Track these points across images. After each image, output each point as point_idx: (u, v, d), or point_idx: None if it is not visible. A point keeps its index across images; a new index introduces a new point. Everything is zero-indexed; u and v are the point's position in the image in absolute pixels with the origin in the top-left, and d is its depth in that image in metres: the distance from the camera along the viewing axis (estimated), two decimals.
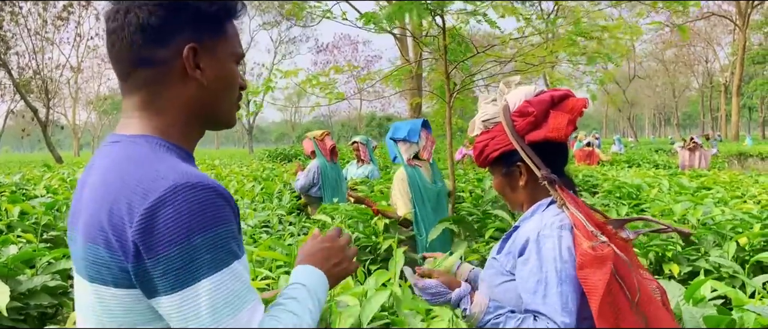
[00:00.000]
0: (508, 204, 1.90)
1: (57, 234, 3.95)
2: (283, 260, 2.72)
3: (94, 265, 1.08)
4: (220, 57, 1.21)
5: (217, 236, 1.04)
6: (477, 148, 1.83)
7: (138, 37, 1.14)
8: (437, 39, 4.75)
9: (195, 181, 1.05)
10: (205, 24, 1.19)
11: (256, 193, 6.71)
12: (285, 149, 23.15)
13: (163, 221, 1.00)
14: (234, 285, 1.05)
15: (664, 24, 19.88)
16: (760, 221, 3.91)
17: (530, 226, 1.72)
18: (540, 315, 1.59)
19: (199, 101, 1.20)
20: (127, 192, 1.04)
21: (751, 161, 22.67)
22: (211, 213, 1.04)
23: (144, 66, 1.16)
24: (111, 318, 1.09)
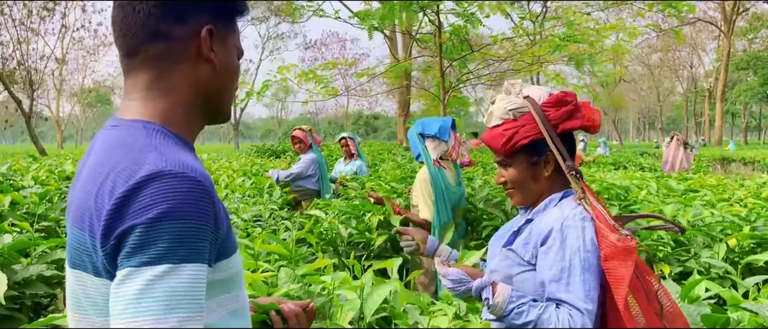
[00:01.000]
0: (520, 197, 1.91)
1: (49, 225, 3.93)
2: (283, 253, 2.72)
3: (77, 250, 1.06)
4: (229, 47, 1.22)
5: (187, 229, 0.97)
6: (504, 135, 1.82)
7: (157, 10, 1.12)
8: (433, 37, 4.77)
9: (182, 170, 1.00)
10: (223, 12, 1.20)
11: (247, 188, 6.69)
12: (272, 145, 23.07)
13: (136, 201, 0.96)
14: (190, 286, 0.96)
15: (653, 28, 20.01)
16: (749, 223, 3.97)
17: (551, 217, 1.76)
18: (562, 302, 1.63)
19: (207, 84, 1.18)
20: (113, 176, 1.00)
21: (734, 165, 22.97)
22: (189, 205, 0.97)
23: (158, 40, 1.13)
24: (94, 308, 1.05)
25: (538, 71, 5.79)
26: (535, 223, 1.82)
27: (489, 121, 1.92)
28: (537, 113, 1.80)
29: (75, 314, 1.11)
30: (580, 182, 1.78)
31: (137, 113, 1.14)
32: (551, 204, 1.84)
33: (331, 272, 2.51)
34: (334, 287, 2.38)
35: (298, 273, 2.45)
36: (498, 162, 1.94)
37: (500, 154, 1.88)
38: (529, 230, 1.81)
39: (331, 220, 4.47)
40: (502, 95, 1.92)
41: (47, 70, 40.14)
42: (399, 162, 11.76)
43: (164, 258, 0.94)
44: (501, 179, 1.92)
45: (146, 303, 0.92)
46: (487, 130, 1.93)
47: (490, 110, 1.92)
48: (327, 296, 2.26)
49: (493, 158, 2.00)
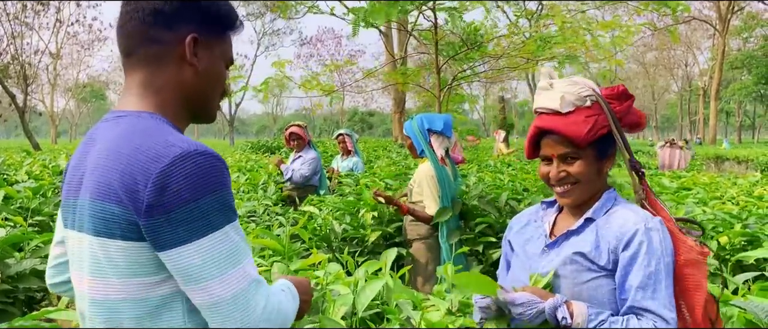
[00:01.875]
0: (580, 194, 1.74)
1: (43, 219, 3.92)
2: (276, 248, 2.73)
3: (102, 220, 1.21)
4: (214, 54, 1.39)
5: (222, 197, 1.20)
6: (588, 122, 1.67)
7: (151, 19, 1.31)
8: (429, 34, 4.77)
9: (202, 149, 1.20)
10: (209, 23, 1.37)
11: (241, 183, 6.69)
12: (267, 141, 23.04)
13: (175, 182, 1.15)
14: (235, 239, 1.21)
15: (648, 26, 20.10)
16: (741, 221, 3.99)
17: (626, 219, 1.66)
18: (644, 312, 1.57)
19: (190, 85, 1.36)
20: (141, 157, 1.17)
21: (728, 164, 23.05)
22: (216, 177, 1.19)
23: (150, 44, 1.32)
24: (114, 270, 1.22)
25: (534, 69, 5.82)
26: (601, 224, 1.70)
27: (553, 104, 1.71)
28: (606, 104, 1.70)
29: (93, 278, 1.26)
30: (643, 182, 1.73)
31: (138, 106, 1.32)
32: (612, 204, 1.74)
33: (325, 267, 2.52)
34: (327, 282, 2.39)
35: (292, 269, 2.46)
36: (560, 155, 1.72)
37: (573, 144, 1.69)
38: (595, 232, 1.69)
39: (325, 216, 4.48)
40: (566, 80, 1.76)
41: (41, 65, 40.04)
42: (394, 159, 11.78)
43: (215, 227, 1.18)
44: (561, 174, 1.72)
45: (210, 268, 1.17)
46: (549, 116, 1.74)
47: (558, 93, 1.72)
48: (320, 291, 2.27)
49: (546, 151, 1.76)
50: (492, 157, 14.09)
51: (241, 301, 1.19)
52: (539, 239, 1.83)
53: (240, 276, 1.20)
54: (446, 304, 2.23)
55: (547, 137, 1.74)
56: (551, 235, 1.82)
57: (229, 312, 1.18)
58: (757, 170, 17.93)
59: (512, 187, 5.27)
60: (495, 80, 36.79)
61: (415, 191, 4.14)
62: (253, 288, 1.21)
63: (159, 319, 1.24)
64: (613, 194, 1.76)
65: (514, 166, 9.63)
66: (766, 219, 4.06)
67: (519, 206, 4.41)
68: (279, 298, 1.30)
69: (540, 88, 1.78)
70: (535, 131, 1.76)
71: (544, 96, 1.75)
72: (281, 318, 1.28)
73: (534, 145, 1.80)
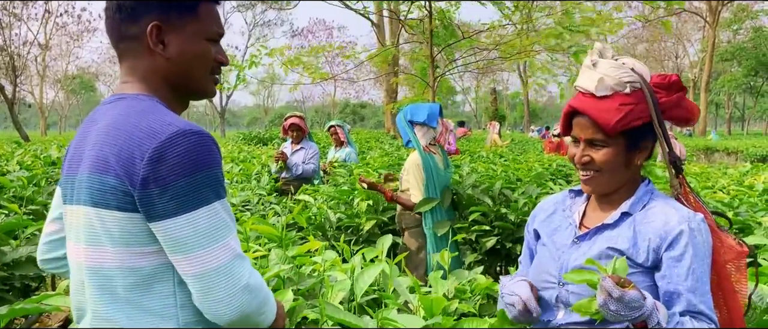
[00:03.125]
0: (603, 183, 1.66)
1: (37, 208, 3.91)
2: (273, 235, 2.74)
3: (99, 192, 1.28)
4: (188, 35, 1.39)
5: (213, 174, 1.27)
6: (620, 111, 1.58)
7: (117, 15, 1.37)
8: (423, 23, 4.77)
9: (197, 129, 1.26)
10: (173, 5, 1.37)
11: (235, 174, 6.68)
12: (259, 132, 23.00)
13: (171, 157, 1.21)
14: (222, 215, 1.28)
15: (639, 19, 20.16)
16: (732, 209, 4.03)
17: (669, 217, 1.59)
18: (699, 315, 1.52)
19: (167, 72, 1.39)
20: (139, 134, 1.24)
21: (717, 155, 23.21)
22: (208, 156, 1.26)
23: (124, 39, 1.38)
24: (109, 239, 1.29)
25: (526, 60, 5.84)
26: (639, 220, 1.63)
27: (590, 85, 1.62)
28: (650, 94, 1.60)
29: (88, 246, 1.33)
30: (680, 177, 1.67)
31: (135, 90, 1.38)
32: (649, 198, 1.66)
33: (322, 253, 2.53)
34: (324, 268, 2.41)
35: (289, 255, 2.47)
36: (587, 140, 1.64)
37: (602, 131, 1.61)
38: (632, 227, 1.62)
39: (320, 205, 4.49)
40: (610, 60, 1.65)
41: (30, 56, 39.67)
42: (386, 150, 11.79)
43: (206, 201, 1.25)
44: (585, 158, 1.64)
45: (199, 240, 1.23)
46: (585, 96, 1.65)
47: (598, 74, 1.62)
48: (317, 277, 2.29)
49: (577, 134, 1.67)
50: (484, 148, 14.11)
51: (225, 272, 1.26)
52: (568, 229, 1.76)
53: (225, 249, 1.26)
54: (443, 290, 2.25)
55: (579, 118, 1.67)
56: (581, 226, 1.75)
57: (214, 281, 1.25)
58: (746, 161, 18.06)
59: (505, 176, 5.29)
60: (487, 72, 36.83)
61: (404, 179, 4.22)
62: (237, 260, 1.28)
63: (151, 289, 1.30)
64: (650, 186, 1.69)
65: (507, 157, 9.67)
66: (756, 208, 4.10)
67: (512, 195, 4.44)
68: (262, 282, 1.36)
69: (585, 65, 1.68)
70: (568, 109, 1.69)
71: (586, 75, 1.66)
72: (262, 296, 1.34)
73: (567, 122, 1.73)
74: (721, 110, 71.11)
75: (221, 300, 1.26)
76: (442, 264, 2.64)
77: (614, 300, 1.38)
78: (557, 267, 1.70)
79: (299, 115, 6.48)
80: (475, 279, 2.48)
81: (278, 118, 54.14)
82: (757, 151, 20.82)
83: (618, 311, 1.38)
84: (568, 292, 1.66)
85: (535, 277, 1.77)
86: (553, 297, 1.70)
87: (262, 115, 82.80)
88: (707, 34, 42.63)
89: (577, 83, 1.69)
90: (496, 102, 25.99)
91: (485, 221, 4.19)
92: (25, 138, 22.51)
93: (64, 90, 63.13)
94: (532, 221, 1.91)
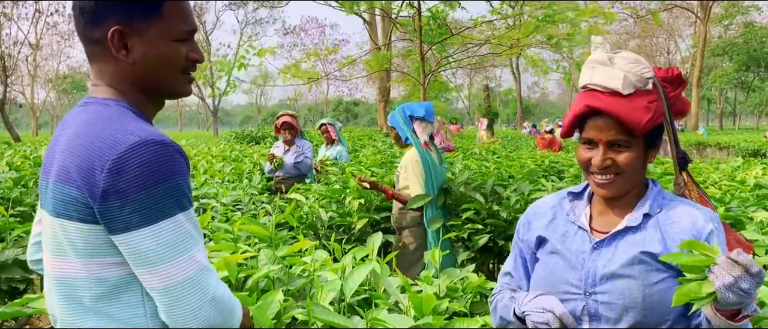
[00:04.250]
0: (622, 186, 1.56)
1: (24, 209, 3.87)
2: (263, 235, 2.71)
3: (61, 202, 1.24)
4: (152, 37, 1.33)
5: (176, 185, 1.22)
6: (649, 110, 1.50)
7: (82, 19, 1.32)
8: (413, 21, 4.75)
9: (159, 139, 1.22)
10: (135, 7, 1.31)
11: (226, 173, 6.65)
12: (252, 131, 22.93)
13: (131, 169, 1.17)
14: (186, 227, 1.24)
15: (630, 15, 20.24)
16: (723, 204, 4.03)
17: (694, 216, 1.52)
18: None
19: (133, 76, 1.34)
20: (100, 144, 1.20)
21: (709, 150, 23.30)
22: (171, 166, 1.22)
23: (89, 43, 1.34)
24: (73, 249, 1.26)
25: (518, 54, 5.84)
26: (663, 221, 1.55)
27: (613, 83, 1.52)
28: (662, 90, 1.55)
29: (54, 256, 1.31)
30: (685, 173, 1.65)
31: (104, 94, 1.34)
32: (662, 198, 1.59)
33: (312, 253, 2.51)
34: (314, 268, 2.38)
35: (279, 255, 2.44)
36: (609, 141, 1.52)
37: (628, 132, 1.51)
38: (658, 229, 1.54)
39: (312, 204, 4.47)
40: (626, 55, 1.57)
41: (21, 56, 39.45)
42: (379, 148, 11.77)
43: (168, 213, 1.21)
44: (607, 161, 1.52)
45: (162, 253, 1.20)
46: (607, 95, 1.53)
47: (619, 71, 1.53)
48: (307, 277, 2.26)
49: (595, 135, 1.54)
50: (476, 145, 14.12)
51: (192, 285, 1.23)
52: (578, 234, 1.63)
53: (190, 262, 1.23)
54: (434, 288, 2.23)
55: (596, 119, 1.53)
56: (593, 231, 1.63)
57: (181, 295, 1.22)
58: (738, 156, 18.14)
59: (498, 174, 5.28)
60: (479, 69, 36.82)
61: (401, 176, 4.17)
62: (203, 273, 1.25)
63: (118, 299, 1.27)
64: (659, 186, 1.63)
65: (499, 154, 9.66)
66: (748, 202, 4.10)
67: (504, 193, 4.42)
68: (229, 293, 1.34)
69: (595, 61, 1.57)
70: (584, 110, 1.54)
71: (602, 72, 1.54)
72: (229, 308, 1.32)
73: (576, 124, 1.60)
74: (713, 106, 71.43)
75: (188, 314, 1.23)
76: (433, 263, 2.62)
77: (750, 276, 1.24)
78: (580, 277, 1.57)
79: (292, 114, 6.45)
80: (467, 278, 2.47)
81: (271, 116, 54.02)
82: (748, 146, 20.90)
83: (750, 289, 1.24)
84: (597, 303, 1.54)
85: (550, 288, 1.62)
86: (577, 309, 1.57)
87: (254, 113, 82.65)
88: (698, 30, 42.78)
89: (591, 81, 1.56)
90: (488, 99, 25.93)
91: (477, 219, 4.18)
92: (16, 139, 22.38)
93: (56, 90, 62.80)
94: (528, 228, 1.75)
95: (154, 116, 1.44)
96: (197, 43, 1.44)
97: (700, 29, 41.41)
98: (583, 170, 1.61)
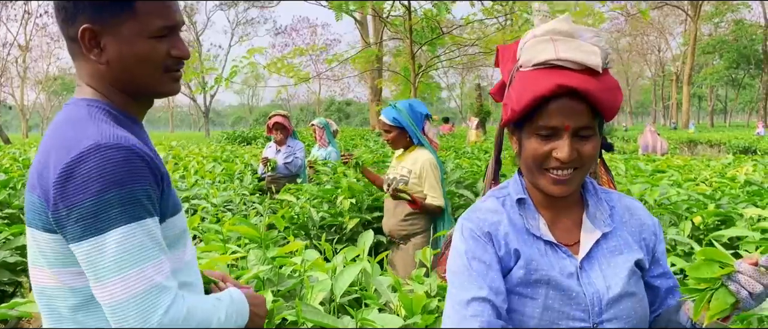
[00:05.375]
0: (578, 181, 1.31)
1: (13, 212, 3.84)
2: (253, 236, 2.69)
3: (30, 211, 1.21)
4: (126, 36, 1.25)
5: (130, 193, 1.13)
6: (619, 88, 1.30)
7: (58, 16, 1.26)
8: (403, 21, 4.75)
9: (116, 142, 1.14)
10: (107, 5, 1.23)
11: (217, 173, 6.62)
12: (243, 131, 22.89)
13: (79, 174, 1.10)
14: (141, 239, 1.14)
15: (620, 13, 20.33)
16: (714, 201, 4.04)
17: (642, 208, 1.43)
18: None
19: (110, 75, 1.28)
20: (57, 148, 1.15)
21: (700, 148, 23.42)
22: (127, 171, 1.13)
23: (68, 41, 1.28)
24: (45, 259, 1.22)
25: None
26: (622, 218, 1.40)
27: (588, 59, 1.26)
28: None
29: (33, 267, 1.27)
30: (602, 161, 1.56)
31: (83, 94, 1.30)
32: (603, 192, 1.43)
33: (302, 253, 2.49)
34: (304, 269, 2.37)
35: (269, 255, 2.43)
36: (576, 129, 1.26)
37: (595, 117, 1.28)
38: (623, 228, 1.39)
39: (303, 204, 4.45)
40: (586, 28, 1.34)
41: (10, 57, 39.22)
42: (371, 148, 11.76)
43: (116, 223, 1.11)
44: (573, 154, 1.26)
45: (110, 266, 1.11)
46: (580, 73, 1.26)
47: (591, 46, 1.29)
48: (298, 278, 2.25)
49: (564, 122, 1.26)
50: (469, 143, 14.13)
51: (137, 303, 1.13)
52: (552, 254, 1.33)
53: (138, 279, 1.13)
54: (425, 288, 2.22)
55: (562, 102, 1.25)
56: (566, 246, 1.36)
57: (125, 313, 1.13)
58: (729, 153, 18.23)
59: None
60: (471, 68, 36.85)
61: (413, 182, 3.76)
62: (154, 292, 1.14)
63: (95, 311, 1.21)
64: (592, 179, 1.45)
65: (491, 153, 9.67)
66: (738, 199, 4.12)
67: None
68: (195, 305, 1.23)
69: (556, 32, 1.31)
70: (555, 89, 1.23)
71: (571, 46, 1.28)
72: (194, 323, 1.22)
73: (532, 109, 1.28)
74: (704, 103, 71.80)
75: None
76: (424, 262, 2.61)
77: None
78: (584, 308, 1.29)
79: (283, 114, 6.41)
80: None
81: (263, 117, 53.92)
82: (739, 143, 21.02)
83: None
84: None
85: (550, 321, 1.29)
86: None
87: (246, 114, 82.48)
88: (689, 28, 42.99)
89: (559, 56, 1.27)
90: (480, 98, 25.97)
91: None
92: (6, 141, 22.25)
93: (46, 92, 62.41)
94: (490, 240, 1.34)
95: (142, 115, 1.37)
96: (182, 39, 1.35)
97: (690, 27, 41.61)
98: (534, 167, 1.32)
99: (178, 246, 1.31)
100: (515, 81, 1.33)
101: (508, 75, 1.39)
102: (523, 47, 1.35)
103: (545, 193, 1.34)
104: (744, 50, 47.22)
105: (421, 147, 3.81)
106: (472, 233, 1.34)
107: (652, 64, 68.84)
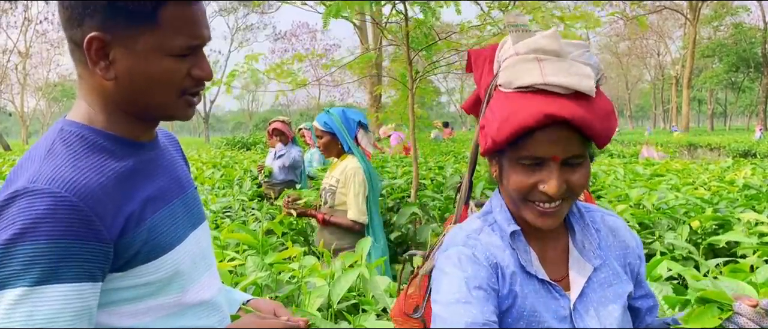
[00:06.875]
0: (562, 214, 1.19)
1: None
2: (251, 242, 2.71)
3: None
4: (141, 51, 1.04)
5: (44, 249, 0.92)
6: (614, 112, 1.18)
7: (62, 18, 1.06)
8: (400, 27, 4.76)
9: (47, 188, 0.94)
10: (120, 13, 1.02)
11: (216, 180, 6.64)
12: (243, 137, 22.92)
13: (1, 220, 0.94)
14: (39, 307, 0.92)
15: (619, 16, 20.38)
16: (712, 205, 4.05)
17: (624, 228, 1.34)
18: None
19: (114, 94, 1.08)
20: (6, 182, 1.01)
21: (700, 151, 23.42)
22: (48, 224, 0.92)
23: (70, 43, 1.08)
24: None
25: None
26: (604, 242, 1.30)
27: (579, 83, 1.11)
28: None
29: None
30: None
31: (72, 113, 1.12)
32: (586, 210, 1.32)
33: (300, 260, 2.51)
34: (302, 275, 2.38)
35: (267, 262, 2.44)
36: (567, 159, 1.14)
37: (588, 145, 1.17)
38: (608, 256, 1.29)
39: None
40: (573, 43, 1.17)
41: (10, 64, 39.27)
42: None
43: (18, 280, 0.91)
44: (562, 187, 1.14)
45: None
46: (568, 99, 1.11)
47: (582, 66, 1.14)
48: (295, 284, 2.26)
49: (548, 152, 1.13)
50: (469, 149, 14.13)
51: None
52: (545, 294, 1.22)
53: None
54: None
55: (550, 131, 1.11)
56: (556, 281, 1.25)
57: None
58: (728, 157, 18.24)
59: (488, 177, 5.29)
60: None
61: (339, 192, 3.62)
62: None
63: None
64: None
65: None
66: (736, 203, 4.13)
67: None
68: None
69: (543, 51, 1.14)
70: (542, 120, 1.09)
71: (560, 67, 1.12)
72: None
73: (516, 139, 1.13)
74: (703, 106, 71.85)
75: None
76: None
77: None
78: None
79: (283, 119, 6.44)
80: None
81: (263, 122, 54.04)
82: (739, 146, 21.03)
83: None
84: None
85: None
86: None
87: (246, 119, 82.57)
88: (688, 31, 43.04)
89: (547, 80, 1.11)
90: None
91: None
92: (6, 148, 22.27)
93: (46, 98, 62.50)
94: (503, 276, 1.21)
95: (149, 135, 1.18)
96: (205, 57, 1.14)
97: (689, 31, 41.65)
98: (518, 199, 1.20)
99: (169, 291, 1.13)
100: (494, 101, 1.19)
101: (484, 91, 1.25)
102: (503, 65, 1.19)
103: (530, 224, 1.23)
104: (743, 53, 47.25)
105: (351, 155, 3.67)
106: (474, 259, 1.20)
107: (652, 67, 68.92)
